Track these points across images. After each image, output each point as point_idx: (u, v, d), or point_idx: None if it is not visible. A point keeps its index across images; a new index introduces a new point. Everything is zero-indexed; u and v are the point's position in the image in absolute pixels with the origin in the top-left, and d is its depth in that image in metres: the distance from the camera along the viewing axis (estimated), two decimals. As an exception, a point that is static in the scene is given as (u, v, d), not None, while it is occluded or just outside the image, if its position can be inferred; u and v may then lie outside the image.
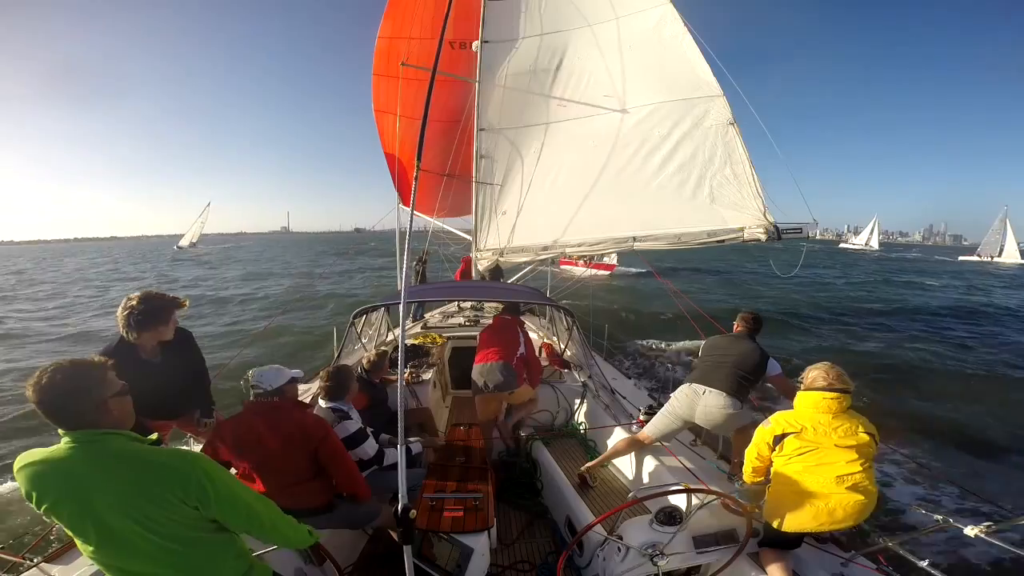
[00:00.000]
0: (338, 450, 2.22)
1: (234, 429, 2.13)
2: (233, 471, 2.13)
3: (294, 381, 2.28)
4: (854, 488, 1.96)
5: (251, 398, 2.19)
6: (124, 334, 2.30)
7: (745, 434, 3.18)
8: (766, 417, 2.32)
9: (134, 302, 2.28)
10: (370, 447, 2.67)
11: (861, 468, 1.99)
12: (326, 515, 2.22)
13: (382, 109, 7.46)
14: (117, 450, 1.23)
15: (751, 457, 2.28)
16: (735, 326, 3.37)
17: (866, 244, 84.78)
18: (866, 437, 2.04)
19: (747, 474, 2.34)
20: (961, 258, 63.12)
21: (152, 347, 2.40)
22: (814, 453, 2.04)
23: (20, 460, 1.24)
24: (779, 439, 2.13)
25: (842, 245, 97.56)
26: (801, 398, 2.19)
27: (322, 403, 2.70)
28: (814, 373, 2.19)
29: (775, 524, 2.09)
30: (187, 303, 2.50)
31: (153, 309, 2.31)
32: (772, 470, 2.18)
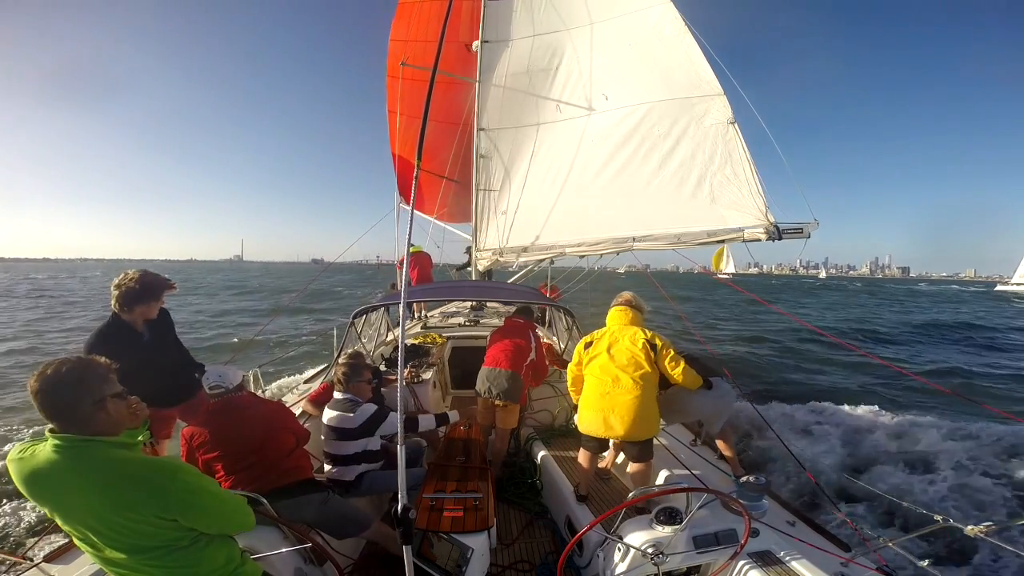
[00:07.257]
0: (298, 435, 2.36)
1: (205, 424, 2.14)
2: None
3: (244, 379, 2.34)
4: (625, 395, 2.48)
5: (211, 399, 2.22)
6: (116, 310, 2.45)
7: (726, 434, 3.14)
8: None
9: (129, 280, 2.45)
10: (395, 419, 2.67)
11: (631, 377, 2.50)
12: (316, 495, 2.21)
13: (393, 110, 7.49)
14: (100, 458, 1.20)
15: (570, 370, 2.88)
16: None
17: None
18: (641, 340, 2.59)
19: (569, 383, 2.96)
20: None
21: (140, 323, 2.56)
22: (596, 360, 2.62)
23: (12, 455, 1.23)
24: (588, 345, 2.73)
25: (1000, 288, 66.27)
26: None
27: (337, 395, 2.72)
28: (617, 299, 2.87)
29: (578, 426, 2.69)
30: (176, 286, 2.70)
31: (148, 287, 2.49)
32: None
